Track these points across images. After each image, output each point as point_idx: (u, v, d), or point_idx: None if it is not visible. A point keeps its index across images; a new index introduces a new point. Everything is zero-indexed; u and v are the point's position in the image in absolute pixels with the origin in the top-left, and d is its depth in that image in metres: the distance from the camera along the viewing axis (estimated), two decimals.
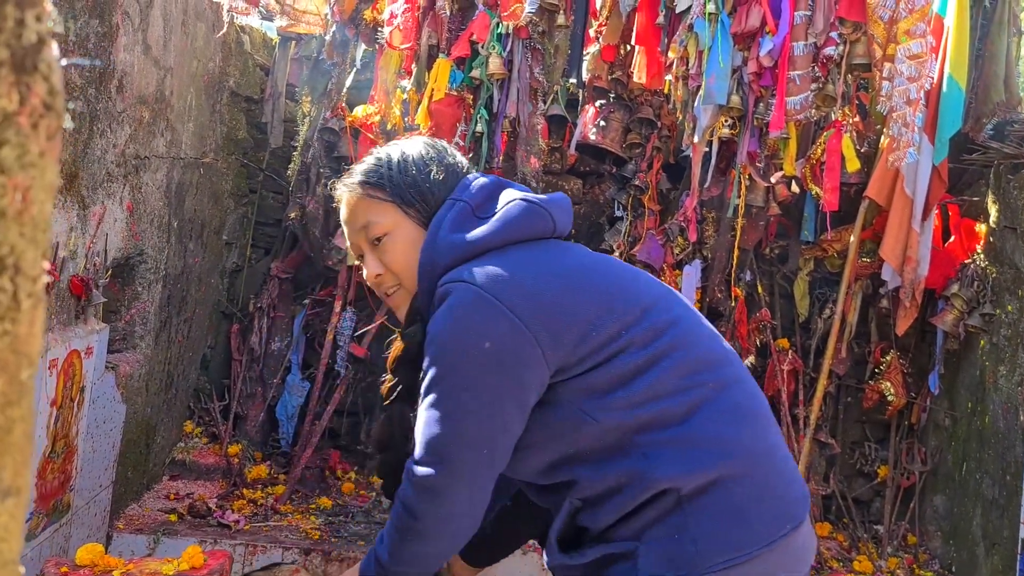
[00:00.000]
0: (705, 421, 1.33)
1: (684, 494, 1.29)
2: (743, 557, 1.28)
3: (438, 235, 1.39)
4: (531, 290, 1.32)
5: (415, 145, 1.51)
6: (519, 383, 1.30)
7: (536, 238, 1.42)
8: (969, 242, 3.72)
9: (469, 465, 1.32)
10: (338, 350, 3.96)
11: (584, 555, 1.37)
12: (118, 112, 2.76)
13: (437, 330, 1.31)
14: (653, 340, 1.34)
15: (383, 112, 3.75)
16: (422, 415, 1.34)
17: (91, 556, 2.16)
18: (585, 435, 1.33)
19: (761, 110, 3.18)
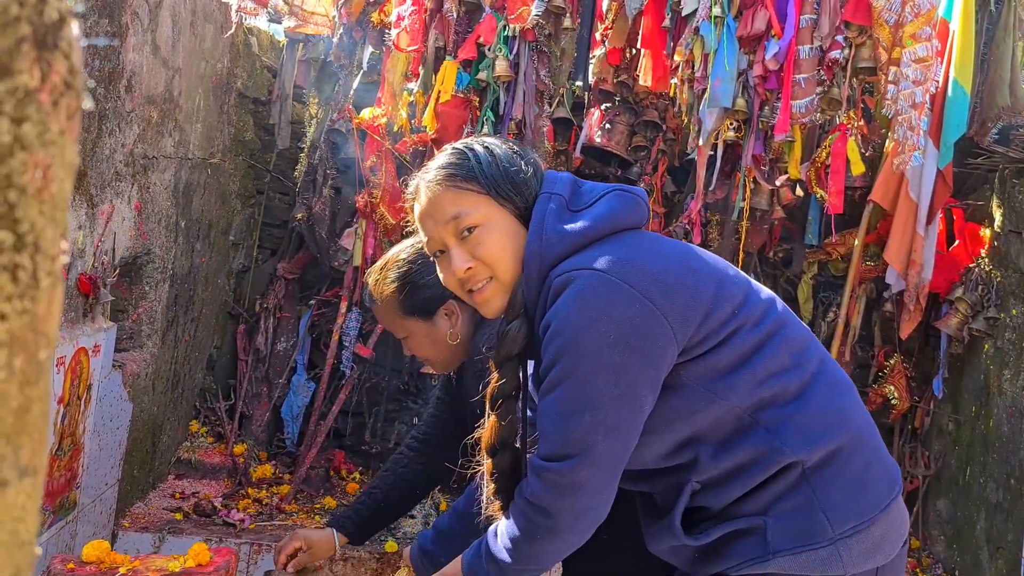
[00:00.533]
0: (819, 395, 1.37)
1: (808, 467, 1.34)
2: (866, 522, 1.34)
3: (544, 227, 1.39)
4: (654, 272, 1.33)
5: (495, 140, 1.51)
6: (653, 364, 1.30)
7: (636, 226, 1.44)
8: (973, 246, 3.72)
9: (609, 453, 1.31)
10: (343, 350, 3.98)
11: (708, 534, 1.39)
12: (127, 112, 2.78)
13: (565, 318, 1.31)
14: (761, 319, 1.38)
15: (390, 114, 3.77)
16: (553, 408, 1.33)
17: (97, 552, 2.18)
18: (711, 415, 1.35)
19: (766, 113, 3.19)
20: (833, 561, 1.33)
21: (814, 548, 1.33)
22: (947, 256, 3.72)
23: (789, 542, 1.34)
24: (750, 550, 1.36)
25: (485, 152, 1.47)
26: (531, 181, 1.46)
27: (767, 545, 1.35)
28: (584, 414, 1.30)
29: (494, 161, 1.45)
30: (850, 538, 1.33)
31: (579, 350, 1.30)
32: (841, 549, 1.33)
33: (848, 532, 1.33)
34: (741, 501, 1.38)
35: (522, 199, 1.44)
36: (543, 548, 1.40)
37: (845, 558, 1.33)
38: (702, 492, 1.40)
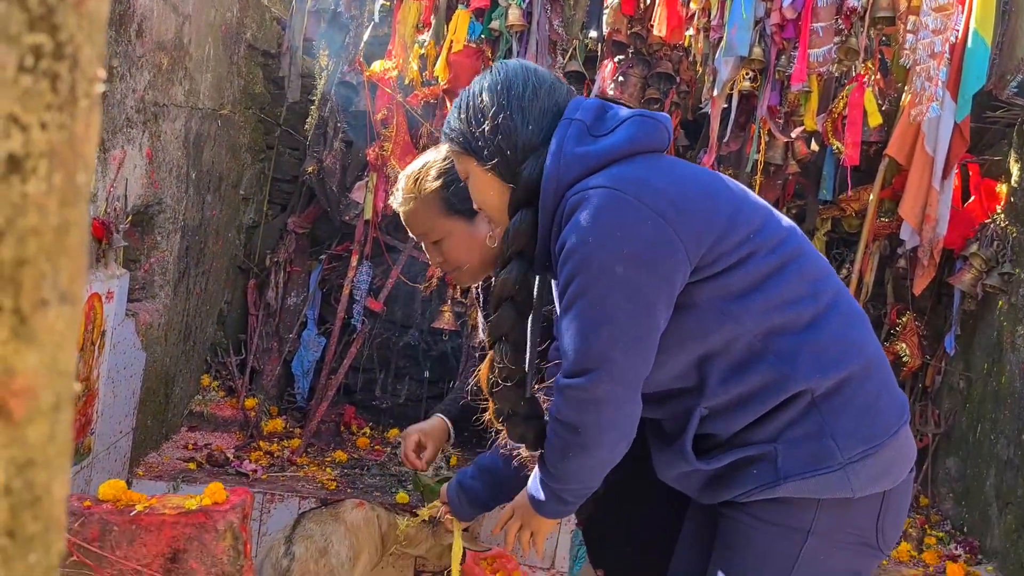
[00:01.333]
0: (832, 325, 1.40)
1: (818, 395, 1.37)
2: (875, 448, 1.38)
3: (562, 151, 1.41)
4: (667, 191, 1.36)
5: (479, 89, 1.51)
6: (666, 280, 1.33)
7: (656, 150, 1.45)
8: (989, 202, 3.68)
9: (626, 367, 1.34)
10: (354, 305, 3.98)
11: (719, 460, 1.43)
12: (137, 57, 2.75)
13: (580, 236, 1.33)
14: (778, 246, 1.41)
15: (401, 67, 3.73)
16: (570, 326, 1.36)
17: (114, 491, 2.19)
18: (723, 337, 1.37)
19: (783, 63, 3.15)
20: (842, 485, 1.37)
21: (824, 473, 1.36)
22: (962, 212, 3.69)
23: (799, 467, 1.37)
24: (760, 476, 1.39)
25: (464, 107, 1.51)
26: (518, 125, 1.46)
27: (777, 471, 1.38)
28: (601, 329, 1.33)
29: (466, 117, 1.50)
30: (858, 463, 1.36)
31: (594, 266, 1.32)
32: (850, 473, 1.36)
33: (857, 457, 1.36)
34: (751, 429, 1.41)
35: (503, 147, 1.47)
36: (578, 465, 1.43)
37: (854, 482, 1.37)
38: (711, 418, 1.43)
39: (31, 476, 0.45)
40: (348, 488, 3.43)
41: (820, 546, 1.41)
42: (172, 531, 2.08)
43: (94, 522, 2.07)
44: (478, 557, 3.15)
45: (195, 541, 2.08)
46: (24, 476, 0.45)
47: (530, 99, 1.47)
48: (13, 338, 0.42)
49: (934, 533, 3.62)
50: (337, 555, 2.18)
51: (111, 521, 2.07)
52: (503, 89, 1.48)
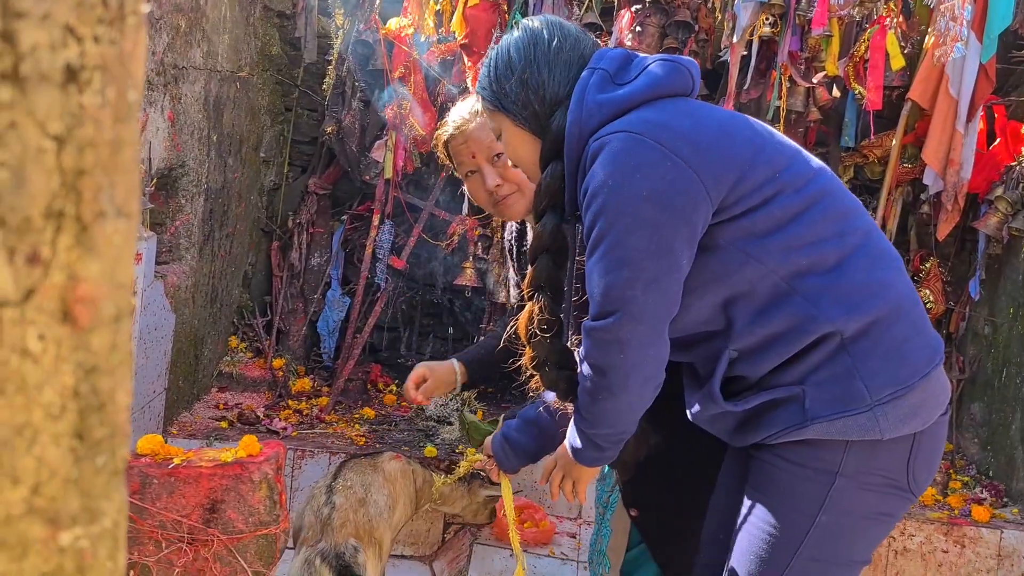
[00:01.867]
0: (860, 266, 1.39)
1: (847, 336, 1.37)
2: (904, 389, 1.37)
3: (584, 99, 1.44)
4: (687, 133, 1.36)
5: (506, 46, 1.54)
6: (686, 220, 1.34)
7: (678, 95, 1.46)
8: (1015, 145, 3.63)
9: (649, 307, 1.36)
10: (377, 263, 4.01)
11: (748, 401, 1.43)
12: (156, 19, 2.76)
13: (600, 180, 1.35)
14: (805, 186, 1.40)
15: (417, 23, 3.71)
16: (594, 269, 1.38)
17: (151, 445, 2.25)
18: (747, 278, 1.38)
19: (804, 7, 3.11)
20: (871, 426, 1.36)
21: (852, 414, 1.36)
22: (987, 155, 3.64)
23: (827, 408, 1.37)
24: (788, 418, 1.40)
25: (493, 66, 1.54)
26: (545, 79, 1.49)
27: (805, 412, 1.38)
28: (622, 270, 1.34)
29: (496, 75, 1.53)
30: (887, 404, 1.36)
31: (614, 208, 1.34)
32: (879, 414, 1.36)
33: (886, 399, 1.36)
34: (779, 371, 1.41)
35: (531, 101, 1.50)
36: (607, 407, 1.45)
37: (882, 423, 1.36)
38: (740, 360, 1.44)
39: (96, 382, 0.48)
40: (377, 443, 3.49)
41: (848, 487, 1.41)
42: (209, 483, 2.13)
43: (134, 475, 2.12)
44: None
45: (232, 492, 2.14)
46: (90, 381, 0.47)
47: (555, 53, 1.50)
48: (76, 245, 0.44)
49: (959, 478, 3.64)
50: (375, 504, 2.23)
51: (150, 474, 2.13)
52: (529, 45, 1.51)
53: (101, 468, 0.49)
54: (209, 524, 2.10)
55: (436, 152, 2.09)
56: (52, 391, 0.44)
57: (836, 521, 1.42)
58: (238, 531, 2.11)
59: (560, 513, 3.40)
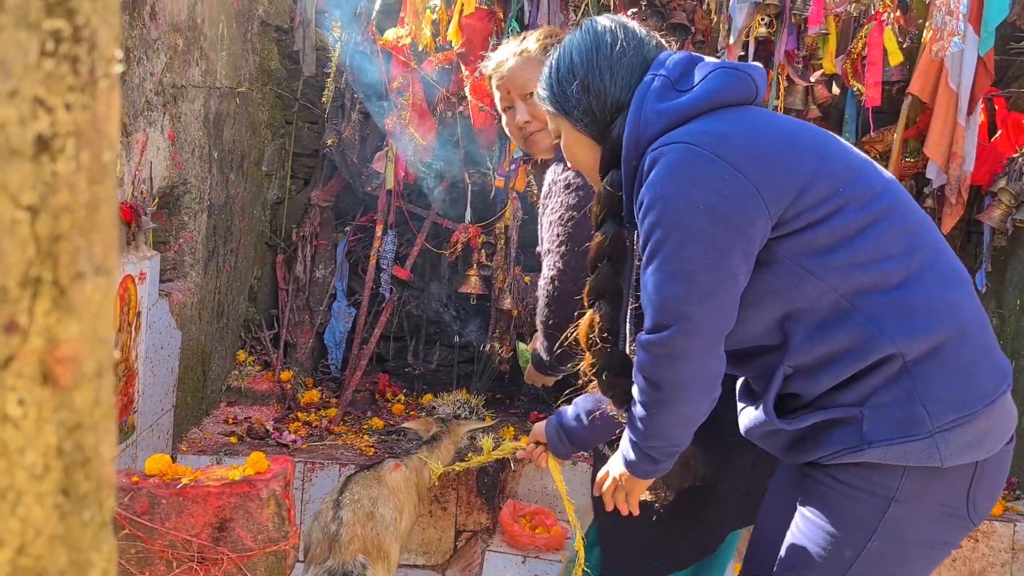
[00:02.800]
0: (925, 285, 1.34)
1: (910, 359, 1.32)
2: (968, 417, 1.31)
3: (643, 107, 1.41)
4: (747, 145, 1.34)
5: (568, 50, 1.51)
6: (744, 234, 1.31)
7: (740, 103, 1.43)
8: (1016, 136, 3.61)
9: (704, 321, 1.33)
10: (381, 274, 4.02)
11: (803, 420, 1.40)
12: (153, 39, 2.78)
13: (657, 191, 1.34)
14: (870, 201, 1.35)
15: (414, 33, 3.73)
16: (649, 281, 1.36)
17: (159, 465, 2.26)
18: (806, 294, 1.35)
19: (799, 6, 3.11)
20: (930, 453, 1.31)
21: (911, 440, 1.31)
22: (989, 147, 3.63)
23: (885, 433, 1.32)
24: (844, 439, 1.36)
25: (556, 68, 1.52)
26: (607, 84, 1.47)
27: (862, 435, 1.34)
28: (677, 284, 1.32)
29: (558, 79, 1.51)
30: (949, 431, 1.31)
31: (671, 221, 1.32)
32: (939, 442, 1.31)
33: (948, 425, 1.31)
34: (837, 391, 1.37)
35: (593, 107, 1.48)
36: (662, 420, 1.42)
37: (943, 451, 1.31)
38: (795, 378, 1.40)
39: (80, 438, 0.48)
40: (386, 454, 3.50)
41: (904, 514, 1.36)
42: (218, 501, 2.14)
43: (143, 496, 2.14)
44: (517, 514, 3.21)
45: (240, 510, 2.15)
46: (74, 438, 0.48)
47: (618, 57, 1.47)
48: (55, 309, 0.45)
49: None
50: (383, 517, 2.24)
51: (159, 494, 2.15)
52: (592, 48, 1.48)
53: (88, 521, 0.50)
54: (218, 543, 2.11)
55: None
56: (35, 452, 0.45)
57: (888, 547, 1.38)
58: (248, 549, 2.12)
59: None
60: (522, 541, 3.11)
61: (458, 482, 3.31)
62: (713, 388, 1.39)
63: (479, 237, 4.00)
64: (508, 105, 2.07)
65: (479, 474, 3.30)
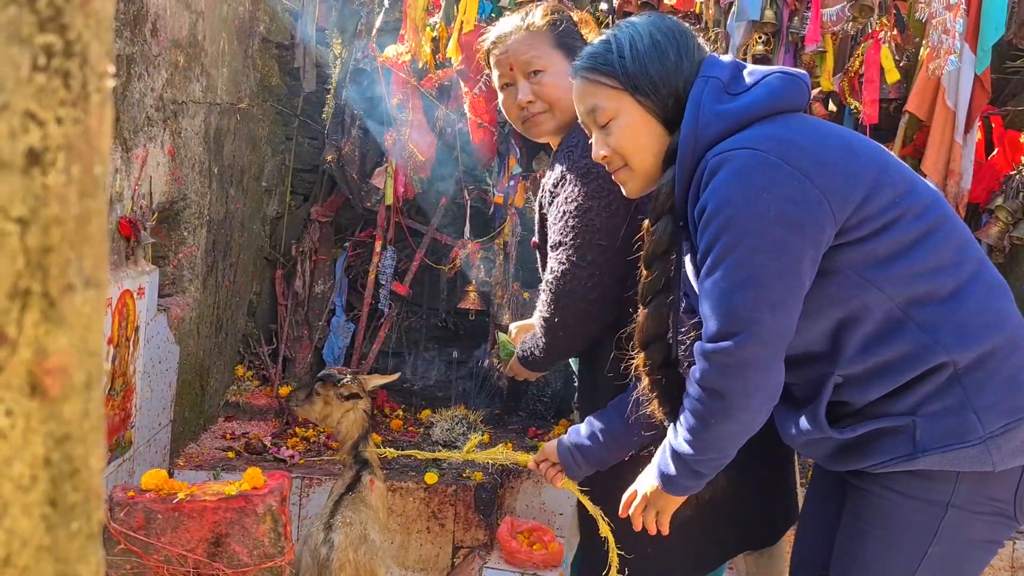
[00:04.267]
0: (977, 295, 1.36)
1: (961, 367, 1.33)
2: (1017, 421, 1.34)
3: (700, 109, 1.39)
4: (813, 151, 1.33)
5: (647, 30, 1.47)
6: (814, 241, 1.31)
7: (796, 109, 1.42)
8: (1013, 154, 3.63)
9: (774, 329, 1.32)
10: (380, 289, 4.02)
11: (854, 429, 1.40)
12: (154, 55, 2.80)
13: (724, 197, 1.31)
14: (925, 212, 1.36)
15: (414, 51, 3.75)
16: (714, 289, 1.34)
17: (156, 481, 2.26)
18: (863, 304, 1.35)
19: (796, 24, 3.13)
20: (983, 458, 1.33)
21: (964, 447, 1.33)
22: (986, 165, 3.64)
23: (938, 441, 1.34)
24: (897, 448, 1.36)
25: (631, 46, 1.46)
26: (677, 71, 1.44)
27: (916, 444, 1.35)
28: (748, 290, 1.31)
29: (636, 56, 1.44)
30: (1000, 437, 1.33)
31: (740, 227, 1.30)
32: (991, 447, 1.33)
33: (998, 431, 1.33)
34: (887, 400, 1.37)
35: (665, 92, 1.44)
36: (721, 432, 1.39)
37: (995, 455, 1.33)
38: (845, 387, 1.40)
39: (69, 449, 0.49)
40: (384, 469, 3.49)
41: (959, 518, 1.38)
42: (214, 516, 2.14)
43: (139, 511, 2.13)
44: (515, 530, 3.20)
45: (236, 525, 2.14)
46: (62, 449, 0.48)
47: (695, 51, 1.46)
48: (44, 321, 0.45)
49: None
50: (374, 543, 2.23)
51: (155, 509, 2.14)
52: (674, 36, 1.45)
53: (76, 533, 0.50)
54: (214, 558, 2.11)
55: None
56: (22, 463, 0.45)
57: (948, 551, 1.39)
58: (243, 564, 2.12)
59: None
60: (520, 557, 3.10)
61: (456, 498, 3.30)
62: (775, 397, 1.38)
63: (478, 253, 4.00)
64: (508, 83, 1.90)
65: (476, 490, 3.29)
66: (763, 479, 1.84)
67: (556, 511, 3.43)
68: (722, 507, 1.73)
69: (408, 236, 4.11)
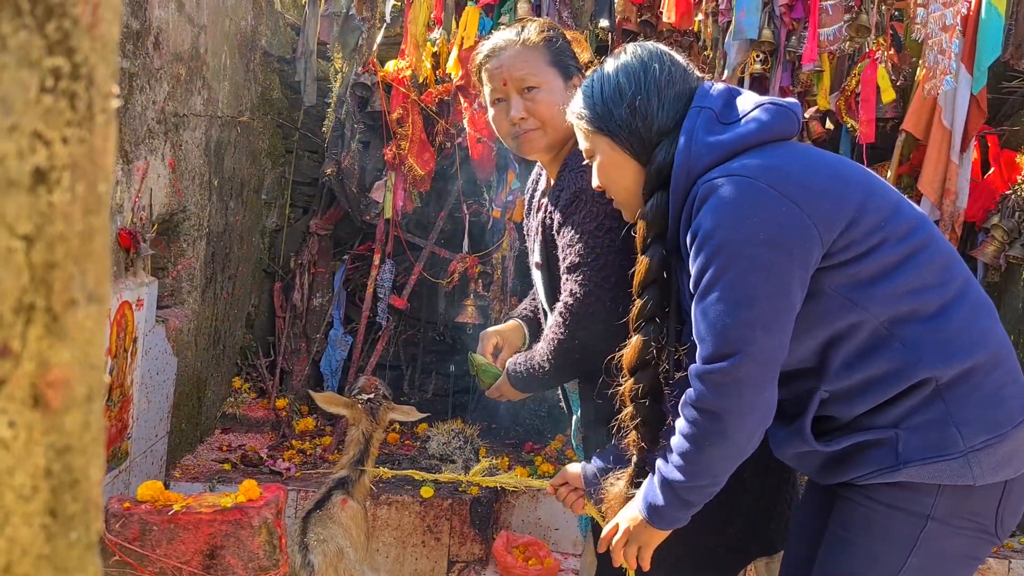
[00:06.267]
0: (960, 314, 1.39)
1: (943, 383, 1.37)
2: (998, 437, 1.36)
3: (693, 139, 1.44)
4: (800, 178, 1.37)
5: (614, 73, 1.52)
6: (802, 263, 1.35)
7: (785, 138, 1.46)
8: (1009, 174, 3.65)
9: (767, 349, 1.35)
10: (378, 302, 4.04)
11: (839, 443, 1.43)
12: (156, 69, 2.82)
13: (715, 223, 1.36)
14: (909, 234, 1.40)
15: (414, 66, 3.78)
16: (708, 311, 1.37)
17: (151, 492, 2.26)
18: (848, 323, 1.38)
19: (793, 43, 3.15)
20: (964, 472, 1.36)
21: (945, 459, 1.36)
22: (982, 184, 3.66)
23: (920, 453, 1.37)
24: (880, 460, 1.39)
25: (600, 90, 1.52)
26: (642, 110, 1.49)
27: (898, 456, 1.38)
28: (740, 311, 1.34)
29: (603, 99, 1.51)
30: (981, 451, 1.35)
31: (731, 250, 1.34)
32: (972, 461, 1.35)
33: (979, 445, 1.35)
34: (872, 414, 1.41)
35: (630, 131, 1.49)
36: (714, 454, 1.41)
37: (975, 470, 1.36)
38: (831, 401, 1.43)
39: (69, 460, 0.50)
40: (381, 482, 3.49)
41: (939, 530, 1.41)
42: (209, 528, 2.14)
43: (134, 522, 2.14)
44: (511, 545, 3.19)
45: (232, 537, 2.14)
46: (63, 460, 0.49)
47: (666, 83, 1.50)
48: (47, 335, 0.46)
49: None
50: (350, 558, 2.23)
51: (150, 521, 2.14)
52: (640, 71, 1.50)
53: (75, 542, 0.51)
54: (209, 570, 2.11)
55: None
56: (23, 474, 0.46)
57: (926, 563, 1.42)
58: None
59: (564, 550, 3.39)
60: (515, 572, 3.09)
61: (452, 512, 3.30)
62: (769, 418, 1.41)
63: (476, 267, 4.02)
64: (500, 98, 1.86)
65: (472, 504, 3.29)
66: (777, 484, 1.85)
67: (552, 526, 3.43)
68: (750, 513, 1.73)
69: (407, 250, 4.12)
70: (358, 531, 2.34)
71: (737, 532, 1.84)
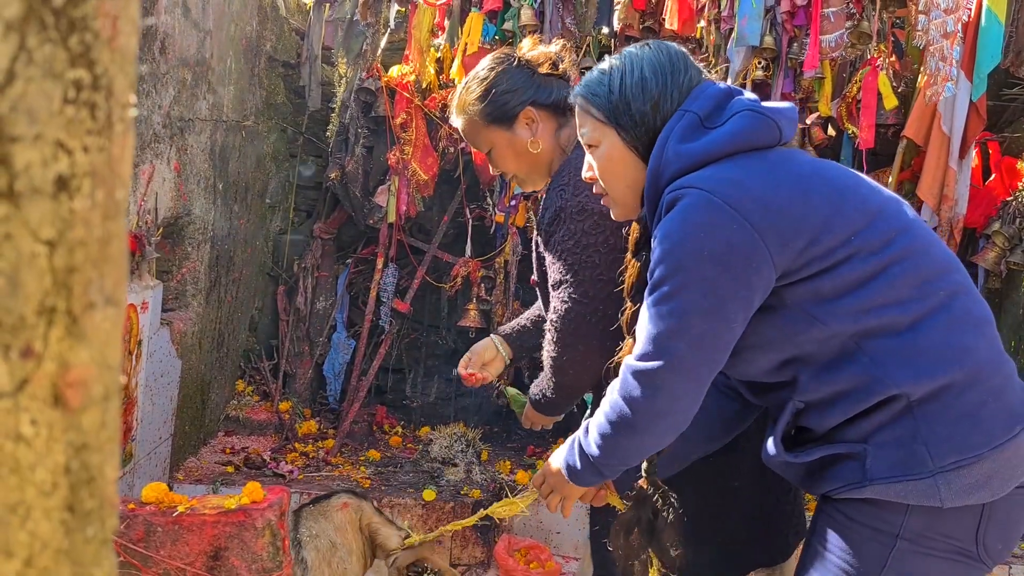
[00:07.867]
0: (936, 329, 1.35)
1: (914, 400, 1.33)
2: (972, 459, 1.31)
3: (666, 146, 1.43)
4: (759, 195, 1.35)
5: (640, 64, 1.50)
6: (745, 284, 1.33)
7: (762, 147, 1.43)
8: (1010, 180, 3.66)
9: (690, 361, 1.36)
10: (381, 307, 4.05)
11: (809, 454, 1.42)
12: (162, 73, 2.84)
13: (666, 232, 1.36)
14: (884, 247, 1.36)
15: (418, 71, 3.80)
16: (647, 311, 1.39)
17: (156, 493, 2.27)
18: (812, 338, 1.37)
19: (795, 50, 3.17)
20: (931, 493, 1.32)
21: (911, 479, 1.32)
22: (983, 190, 3.68)
23: (887, 471, 1.34)
24: (848, 475, 1.37)
25: (620, 80, 1.49)
26: (657, 109, 1.47)
27: (865, 471, 1.35)
28: (671, 320, 1.35)
29: (621, 91, 1.48)
30: (950, 472, 1.31)
31: (676, 261, 1.35)
32: (940, 482, 1.31)
33: (949, 467, 1.31)
34: (844, 427, 1.39)
35: (643, 129, 1.47)
36: (622, 443, 1.45)
37: (943, 492, 1.31)
38: (806, 412, 1.43)
39: (87, 458, 0.51)
40: (382, 486, 3.51)
41: (910, 551, 1.36)
42: (213, 530, 2.16)
43: (139, 524, 2.15)
44: (512, 548, 3.21)
45: (235, 539, 2.16)
46: (81, 458, 0.51)
47: (686, 84, 1.48)
48: (67, 336, 0.48)
49: None
50: (341, 550, 2.24)
51: (155, 522, 2.16)
52: (668, 71, 1.47)
53: (91, 538, 0.53)
54: (213, 571, 2.12)
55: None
56: (44, 470, 0.48)
57: None
58: None
59: (566, 553, 3.40)
60: None
61: (453, 515, 3.31)
62: (683, 423, 1.42)
63: (479, 271, 4.03)
64: (485, 151, 2.01)
65: (474, 507, 3.30)
66: (776, 497, 1.87)
67: (554, 529, 3.44)
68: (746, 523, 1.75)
69: (410, 254, 4.14)
70: (353, 537, 2.33)
71: (730, 540, 1.86)
